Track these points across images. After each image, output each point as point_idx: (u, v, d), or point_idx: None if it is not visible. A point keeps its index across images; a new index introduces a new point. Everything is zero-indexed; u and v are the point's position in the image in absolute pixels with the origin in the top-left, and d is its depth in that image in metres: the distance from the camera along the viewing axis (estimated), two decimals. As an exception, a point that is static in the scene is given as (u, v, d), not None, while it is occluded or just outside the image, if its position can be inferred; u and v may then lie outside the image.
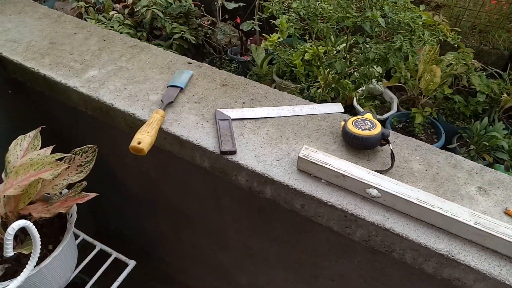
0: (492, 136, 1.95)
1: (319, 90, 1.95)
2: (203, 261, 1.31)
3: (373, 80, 1.85)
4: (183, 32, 2.37)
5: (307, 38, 2.27)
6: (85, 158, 0.88)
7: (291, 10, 1.59)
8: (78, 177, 0.87)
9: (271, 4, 1.66)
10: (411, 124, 2.14)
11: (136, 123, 0.85)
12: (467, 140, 2.05)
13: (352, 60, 1.75)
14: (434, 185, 0.74)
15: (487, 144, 1.92)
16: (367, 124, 0.79)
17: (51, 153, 0.87)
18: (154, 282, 1.58)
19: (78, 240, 1.03)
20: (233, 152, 0.77)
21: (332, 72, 1.80)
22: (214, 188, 0.96)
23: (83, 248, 1.03)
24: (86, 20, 2.24)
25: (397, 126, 2.18)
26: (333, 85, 1.89)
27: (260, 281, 1.18)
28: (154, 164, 1.03)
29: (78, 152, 0.88)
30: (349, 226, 0.71)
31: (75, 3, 2.36)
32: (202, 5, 2.52)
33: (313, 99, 2.06)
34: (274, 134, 0.83)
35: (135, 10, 2.35)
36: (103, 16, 2.34)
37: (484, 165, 0.78)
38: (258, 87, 0.95)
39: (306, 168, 0.75)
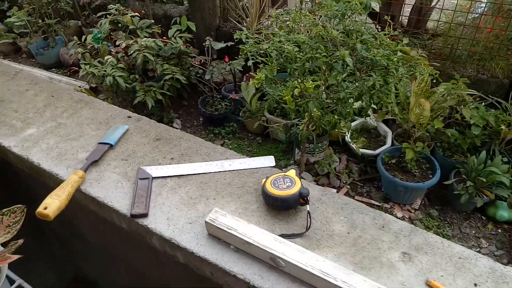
0: (491, 172, 1.81)
1: (301, 127, 1.90)
2: None
3: (364, 115, 1.80)
4: (174, 73, 2.41)
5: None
6: (13, 219, 0.87)
7: (263, 51, 1.58)
8: (5, 238, 0.86)
9: (246, 46, 1.66)
10: (404, 159, 2.04)
11: (60, 184, 0.84)
12: (464, 176, 1.92)
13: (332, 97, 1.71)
14: (353, 251, 0.67)
15: (485, 180, 1.79)
16: (286, 183, 0.74)
17: (-16, 212, 0.88)
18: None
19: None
20: (144, 215, 0.74)
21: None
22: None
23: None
24: (80, 67, 2.33)
25: (389, 162, 2.08)
26: (317, 122, 1.84)
27: None
28: (88, 217, 1.01)
29: (6, 213, 0.88)
30: (255, 298, 0.66)
31: (72, 50, 2.47)
32: (191, 46, 2.58)
33: (300, 136, 2.02)
34: (195, 193, 0.79)
35: (129, 54, 2.43)
36: (99, 61, 2.43)
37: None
38: (193, 140, 0.93)
39: (215, 233, 0.70)
